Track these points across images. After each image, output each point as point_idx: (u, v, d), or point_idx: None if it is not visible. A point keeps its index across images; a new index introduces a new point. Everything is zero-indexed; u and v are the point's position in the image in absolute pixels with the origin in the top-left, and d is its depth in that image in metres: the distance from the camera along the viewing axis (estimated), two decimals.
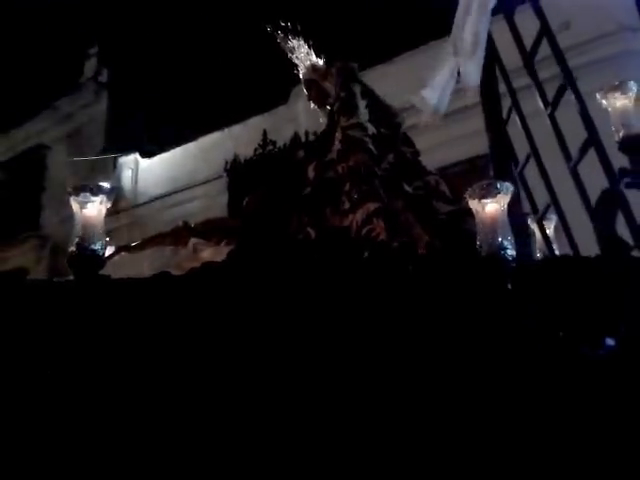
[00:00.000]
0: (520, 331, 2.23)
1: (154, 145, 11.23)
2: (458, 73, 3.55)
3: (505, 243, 2.31)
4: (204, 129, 11.00)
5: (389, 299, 2.26)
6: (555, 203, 3.49)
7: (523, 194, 3.71)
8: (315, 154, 3.10)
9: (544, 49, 3.35)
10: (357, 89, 3.24)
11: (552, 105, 3.28)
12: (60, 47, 11.97)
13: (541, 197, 3.66)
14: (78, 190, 2.44)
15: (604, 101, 2.88)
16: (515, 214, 3.66)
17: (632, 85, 2.87)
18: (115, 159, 11.30)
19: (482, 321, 2.22)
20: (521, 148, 3.54)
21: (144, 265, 3.06)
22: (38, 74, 11.81)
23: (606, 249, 2.52)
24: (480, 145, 3.91)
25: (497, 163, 3.37)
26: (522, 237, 3.64)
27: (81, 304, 2.29)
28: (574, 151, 3.21)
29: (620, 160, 3.01)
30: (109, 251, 3.95)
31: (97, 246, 2.37)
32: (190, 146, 11.00)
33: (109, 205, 2.48)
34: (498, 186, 2.35)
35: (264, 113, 10.19)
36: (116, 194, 11.28)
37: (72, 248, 2.36)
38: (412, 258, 2.35)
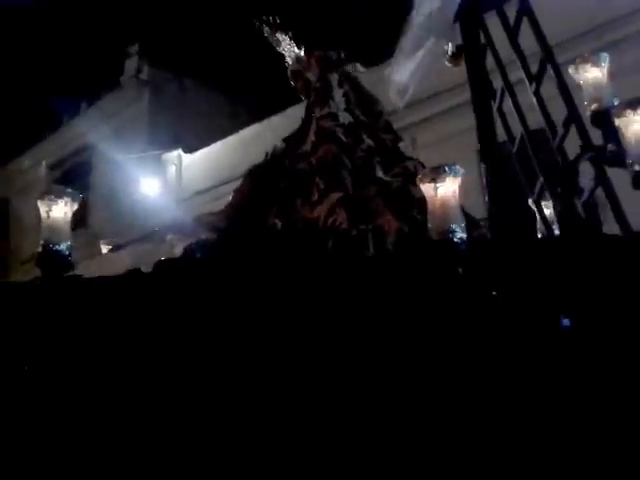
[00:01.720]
0: (470, 314, 2.22)
1: (196, 140, 11.42)
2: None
3: (454, 226, 2.29)
4: (244, 121, 11.13)
5: (342, 288, 2.27)
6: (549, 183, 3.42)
7: None
8: (292, 146, 3.12)
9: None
10: (334, 78, 3.23)
11: (536, 80, 3.21)
12: (101, 46, 12.27)
13: None
14: (43, 194, 2.53)
15: (575, 74, 2.80)
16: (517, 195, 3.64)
17: (604, 57, 2.78)
18: (158, 156, 11.54)
19: (432, 305, 2.21)
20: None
21: (125, 263, 3.14)
22: (82, 74, 12.13)
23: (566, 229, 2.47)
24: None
25: (484, 145, 3.32)
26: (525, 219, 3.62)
27: (48, 304, 2.38)
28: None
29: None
30: (107, 248, 4.07)
31: (62, 247, 2.46)
32: (230, 139, 11.14)
33: (75, 207, 2.57)
34: (447, 169, 2.33)
35: (302, 102, 10.22)
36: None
37: (39, 250, 2.46)
38: (365, 246, 2.36)
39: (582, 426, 2.19)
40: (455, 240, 2.28)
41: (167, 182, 11.42)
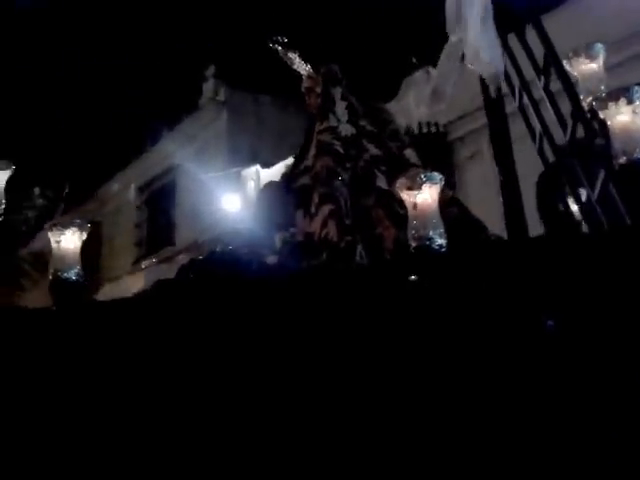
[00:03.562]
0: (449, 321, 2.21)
1: (272, 155, 11.68)
2: None
3: (431, 234, 2.30)
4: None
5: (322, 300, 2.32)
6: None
7: None
8: (297, 162, 3.21)
9: None
10: (337, 92, 3.29)
11: (544, 75, 3.15)
12: (180, 71, 12.77)
13: None
14: (52, 226, 2.71)
15: (570, 68, 2.74)
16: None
17: (599, 48, 2.70)
18: (238, 172, 11.87)
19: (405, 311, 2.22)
20: None
21: (139, 285, 3.30)
22: (163, 99, 12.65)
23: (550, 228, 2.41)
24: None
25: (497, 146, 3.29)
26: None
27: (61, 328, 2.56)
28: None
29: None
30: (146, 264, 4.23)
31: (71, 274, 2.64)
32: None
33: (84, 237, 2.73)
34: (423, 177, 2.35)
35: None
36: None
37: (50, 277, 2.65)
38: (352, 257, 2.40)
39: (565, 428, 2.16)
40: (433, 247, 2.29)
41: (247, 197, 11.72)
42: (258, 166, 11.81)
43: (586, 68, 2.69)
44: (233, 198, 11.81)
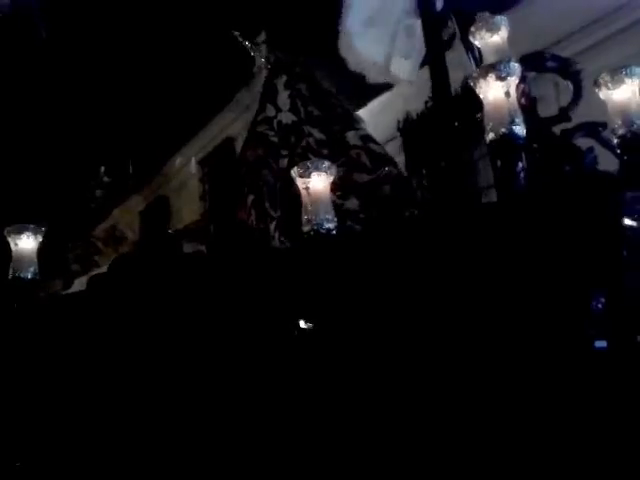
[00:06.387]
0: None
1: None
2: None
3: (320, 219, 2.44)
4: (372, 93, 11.22)
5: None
6: None
7: None
8: (242, 153, 3.37)
9: None
10: (281, 80, 3.40)
11: None
12: (232, 42, 12.94)
13: None
14: (10, 231, 3.02)
15: (475, 41, 2.76)
16: None
17: (501, 20, 2.71)
18: None
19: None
20: None
21: None
22: (217, 73, 12.90)
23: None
24: None
25: None
26: None
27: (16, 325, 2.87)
28: None
29: None
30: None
31: (28, 274, 2.95)
32: (360, 113, 11.28)
33: (39, 239, 3.03)
34: (309, 165, 2.50)
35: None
36: None
37: (9, 276, 2.97)
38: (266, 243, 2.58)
39: None
40: (321, 231, 2.44)
41: None
42: None
43: (489, 41, 2.71)
44: None
